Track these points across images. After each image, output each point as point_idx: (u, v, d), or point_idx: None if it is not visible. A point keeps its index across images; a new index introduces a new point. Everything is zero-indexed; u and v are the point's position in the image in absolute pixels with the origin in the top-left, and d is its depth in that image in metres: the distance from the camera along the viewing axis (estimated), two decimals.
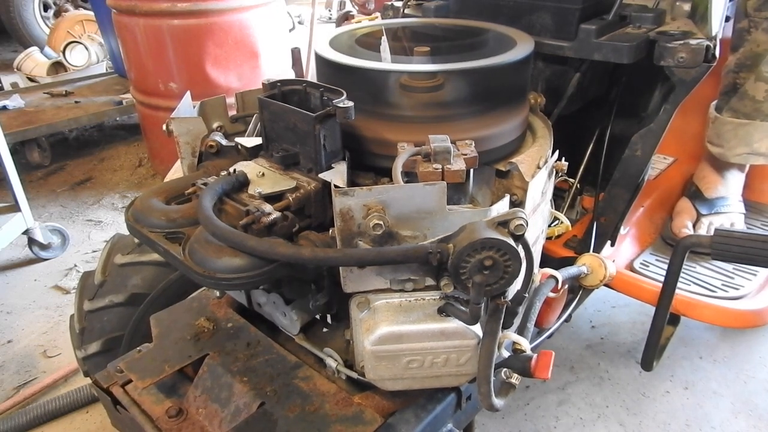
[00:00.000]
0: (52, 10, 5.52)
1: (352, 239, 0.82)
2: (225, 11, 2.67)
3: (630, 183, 1.33)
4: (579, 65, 1.35)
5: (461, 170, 0.85)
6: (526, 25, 1.27)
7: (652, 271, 1.58)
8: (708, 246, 1.21)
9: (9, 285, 2.34)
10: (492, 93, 1.03)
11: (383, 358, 0.89)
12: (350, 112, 0.87)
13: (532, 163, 1.02)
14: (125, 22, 2.75)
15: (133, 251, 1.34)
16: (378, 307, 0.88)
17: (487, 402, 0.89)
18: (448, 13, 1.46)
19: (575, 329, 2.05)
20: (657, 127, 1.25)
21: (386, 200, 0.79)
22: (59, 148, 3.61)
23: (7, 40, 5.94)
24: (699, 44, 1.14)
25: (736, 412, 1.72)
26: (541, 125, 1.18)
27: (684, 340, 1.97)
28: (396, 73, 1.00)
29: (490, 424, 1.70)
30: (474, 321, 0.84)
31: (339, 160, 0.94)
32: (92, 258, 2.51)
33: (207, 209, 0.81)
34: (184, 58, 2.71)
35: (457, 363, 0.91)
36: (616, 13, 1.27)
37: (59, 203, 3.02)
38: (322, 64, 1.07)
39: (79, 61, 4.21)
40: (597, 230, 1.44)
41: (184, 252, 0.83)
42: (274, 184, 0.90)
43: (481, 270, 0.76)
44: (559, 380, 1.84)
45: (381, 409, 1.01)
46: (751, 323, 1.53)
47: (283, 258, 0.77)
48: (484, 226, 0.77)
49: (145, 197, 0.95)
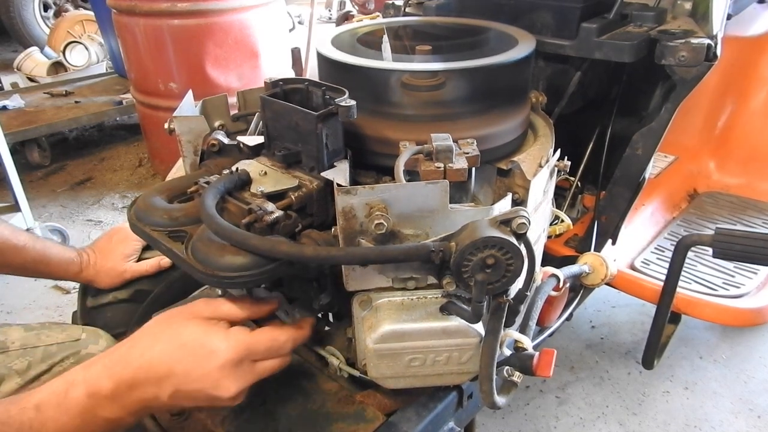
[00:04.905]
0: (52, 10, 5.52)
1: (354, 238, 0.82)
2: (225, 11, 2.67)
3: (631, 182, 1.33)
4: (580, 64, 1.35)
5: (463, 169, 0.85)
6: (527, 24, 1.27)
7: (653, 270, 1.58)
8: (709, 244, 1.21)
9: (9, 285, 2.34)
10: (493, 92, 1.03)
11: (385, 356, 0.89)
12: (352, 111, 0.87)
13: (534, 162, 1.02)
14: (125, 22, 2.75)
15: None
16: (380, 305, 0.88)
17: (489, 400, 0.89)
18: (450, 11, 1.46)
19: (575, 329, 2.05)
20: (658, 126, 1.25)
21: (388, 199, 0.79)
22: (59, 148, 3.61)
23: (7, 40, 5.93)
24: (700, 43, 1.14)
25: (736, 412, 1.72)
26: (543, 124, 1.18)
27: (684, 340, 1.97)
28: (398, 71, 1.00)
29: (491, 424, 1.70)
30: (476, 319, 0.84)
31: (341, 159, 0.94)
32: None
33: (209, 208, 0.81)
34: (184, 58, 2.71)
35: (459, 361, 0.91)
36: (617, 12, 1.27)
37: (59, 203, 3.02)
38: (324, 63, 1.07)
39: (79, 61, 4.21)
40: (598, 229, 1.44)
41: (186, 250, 0.83)
42: (276, 182, 0.90)
43: (483, 268, 0.76)
44: (559, 380, 1.84)
45: (383, 408, 1.01)
46: (751, 321, 1.53)
47: (285, 256, 0.77)
48: (486, 224, 0.77)
49: (147, 196, 0.95)
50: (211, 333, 0.80)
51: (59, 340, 1.07)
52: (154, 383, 0.76)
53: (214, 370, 0.78)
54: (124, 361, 0.77)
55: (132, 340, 0.81)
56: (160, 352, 0.78)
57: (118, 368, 0.76)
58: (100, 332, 1.14)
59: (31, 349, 1.04)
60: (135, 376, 0.76)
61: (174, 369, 0.77)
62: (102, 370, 0.77)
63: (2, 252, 1.15)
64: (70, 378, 0.76)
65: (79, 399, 0.74)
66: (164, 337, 0.80)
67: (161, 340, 0.79)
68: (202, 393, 0.78)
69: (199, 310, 0.84)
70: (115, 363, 0.77)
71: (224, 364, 0.78)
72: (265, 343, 0.83)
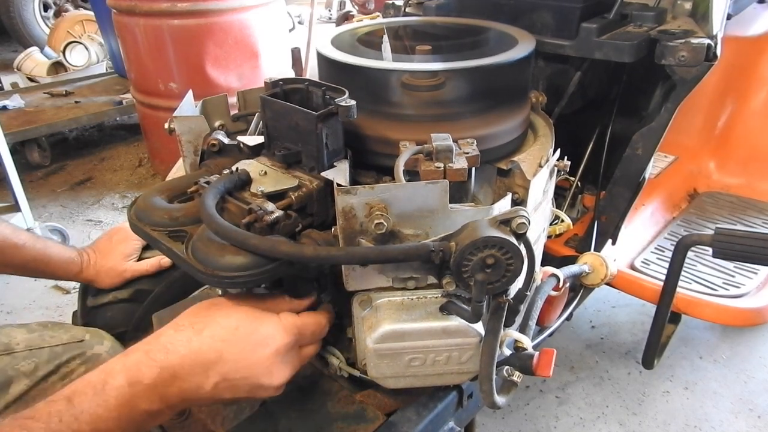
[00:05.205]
0: (52, 10, 5.52)
1: (354, 238, 0.82)
2: (225, 11, 2.67)
3: (631, 182, 1.33)
4: (580, 64, 1.35)
5: (463, 169, 0.85)
6: (527, 24, 1.27)
7: (653, 270, 1.58)
8: (709, 244, 1.21)
9: (9, 285, 2.34)
10: (493, 92, 1.03)
11: (385, 356, 0.89)
12: (352, 111, 0.87)
13: (534, 162, 1.02)
14: (125, 22, 2.75)
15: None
16: (380, 305, 0.88)
17: (489, 400, 0.89)
18: (450, 11, 1.46)
19: (575, 329, 2.05)
20: (658, 126, 1.25)
21: (388, 199, 0.79)
22: (59, 148, 3.61)
23: (7, 40, 5.93)
24: (700, 43, 1.14)
25: (736, 412, 1.72)
26: (543, 124, 1.18)
27: (684, 340, 1.97)
28: (398, 71, 1.00)
29: (491, 424, 1.70)
30: (476, 319, 0.84)
31: (341, 159, 0.94)
32: None
33: (210, 207, 0.81)
34: (184, 58, 2.71)
35: (459, 361, 0.91)
36: (617, 12, 1.27)
37: (59, 203, 3.02)
38: (324, 63, 1.07)
39: (79, 61, 4.21)
40: (598, 229, 1.44)
41: (186, 250, 0.83)
42: (277, 182, 0.90)
43: (483, 268, 0.76)
44: (559, 380, 1.84)
45: (383, 407, 1.01)
46: (751, 321, 1.53)
47: (285, 256, 0.77)
48: (486, 224, 0.77)
49: (147, 195, 0.95)
50: (262, 318, 0.78)
51: (64, 340, 1.07)
52: (200, 371, 0.72)
53: (267, 356, 0.76)
54: (168, 348, 0.73)
55: (174, 326, 0.76)
56: (210, 338, 0.74)
57: (161, 355, 0.72)
58: (102, 333, 1.14)
59: (36, 350, 1.03)
60: (181, 363, 0.72)
61: (225, 355, 0.73)
62: (143, 357, 0.72)
63: (2, 250, 1.15)
64: (107, 368, 0.72)
65: (119, 388, 0.69)
66: (212, 323, 0.76)
67: (209, 326, 0.75)
68: (250, 381, 0.75)
69: (244, 299, 0.83)
70: (158, 350, 0.73)
71: (278, 350, 0.77)
72: (311, 327, 0.83)
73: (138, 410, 0.70)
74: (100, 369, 0.72)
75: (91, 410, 0.67)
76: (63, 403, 0.67)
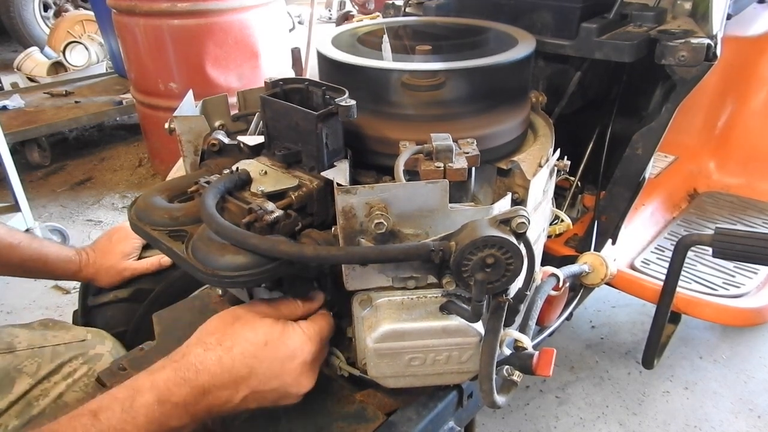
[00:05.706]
0: (52, 10, 5.52)
1: (354, 237, 0.82)
2: (225, 11, 2.68)
3: (631, 181, 1.33)
4: (580, 64, 1.35)
5: (463, 168, 0.85)
6: (527, 24, 1.27)
7: (653, 270, 1.58)
8: (709, 244, 1.21)
9: (9, 285, 2.34)
10: (493, 91, 1.03)
11: (385, 355, 0.89)
12: (352, 111, 0.87)
13: (534, 162, 1.02)
14: (125, 22, 2.76)
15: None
16: (380, 304, 0.88)
17: (489, 399, 0.89)
18: (450, 11, 1.46)
19: (575, 329, 2.06)
20: (658, 126, 1.25)
21: (388, 198, 0.79)
22: (59, 148, 3.61)
23: (7, 40, 5.94)
24: (700, 43, 1.14)
25: (736, 412, 1.72)
26: (543, 124, 1.18)
27: (684, 340, 1.97)
28: (398, 71, 1.00)
29: (490, 424, 1.70)
30: (476, 319, 0.84)
31: (341, 159, 0.94)
32: None
33: (210, 207, 0.81)
34: (184, 58, 2.71)
35: (459, 360, 0.91)
36: (617, 12, 1.27)
37: (59, 203, 3.02)
38: (324, 63, 1.07)
39: (79, 61, 4.21)
40: (598, 229, 1.44)
41: (187, 250, 0.83)
42: (277, 182, 0.90)
43: (483, 268, 0.76)
44: (559, 380, 1.84)
45: (383, 407, 1.01)
46: (751, 321, 1.53)
47: (285, 256, 0.77)
48: (486, 224, 0.77)
49: (148, 195, 0.95)
50: (287, 331, 0.80)
51: (66, 340, 1.07)
52: (231, 386, 0.74)
53: (295, 367, 0.78)
54: (199, 367, 0.74)
55: (202, 344, 0.77)
56: (242, 354, 0.75)
57: (191, 374, 0.73)
58: (103, 333, 1.14)
59: (38, 349, 1.04)
60: (212, 382, 0.73)
61: (256, 370, 0.75)
62: (172, 375, 0.73)
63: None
64: (134, 384, 0.72)
65: (148, 406, 0.69)
66: (241, 340, 0.77)
67: (239, 342, 0.76)
68: (278, 392, 0.78)
69: (262, 310, 0.83)
70: (188, 369, 0.73)
71: (305, 361, 0.79)
72: (328, 330, 0.85)
73: (166, 427, 0.71)
74: (126, 385, 0.72)
75: (119, 426, 0.67)
76: (88, 418, 0.67)
